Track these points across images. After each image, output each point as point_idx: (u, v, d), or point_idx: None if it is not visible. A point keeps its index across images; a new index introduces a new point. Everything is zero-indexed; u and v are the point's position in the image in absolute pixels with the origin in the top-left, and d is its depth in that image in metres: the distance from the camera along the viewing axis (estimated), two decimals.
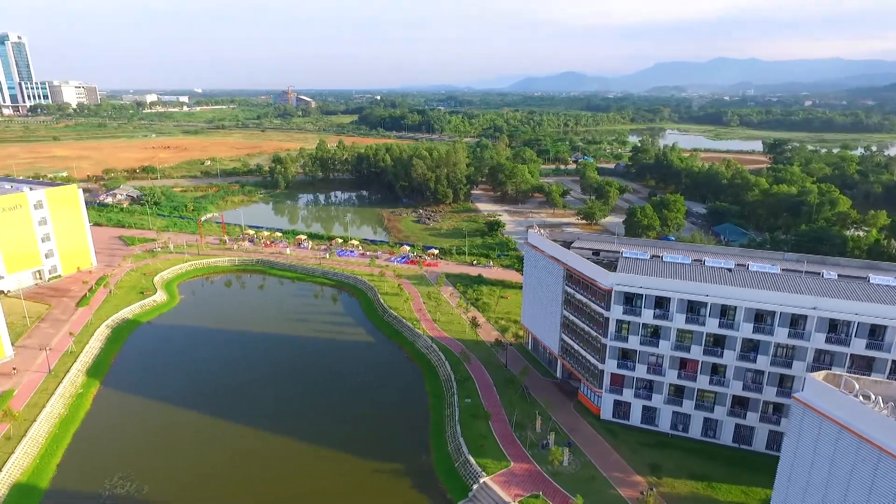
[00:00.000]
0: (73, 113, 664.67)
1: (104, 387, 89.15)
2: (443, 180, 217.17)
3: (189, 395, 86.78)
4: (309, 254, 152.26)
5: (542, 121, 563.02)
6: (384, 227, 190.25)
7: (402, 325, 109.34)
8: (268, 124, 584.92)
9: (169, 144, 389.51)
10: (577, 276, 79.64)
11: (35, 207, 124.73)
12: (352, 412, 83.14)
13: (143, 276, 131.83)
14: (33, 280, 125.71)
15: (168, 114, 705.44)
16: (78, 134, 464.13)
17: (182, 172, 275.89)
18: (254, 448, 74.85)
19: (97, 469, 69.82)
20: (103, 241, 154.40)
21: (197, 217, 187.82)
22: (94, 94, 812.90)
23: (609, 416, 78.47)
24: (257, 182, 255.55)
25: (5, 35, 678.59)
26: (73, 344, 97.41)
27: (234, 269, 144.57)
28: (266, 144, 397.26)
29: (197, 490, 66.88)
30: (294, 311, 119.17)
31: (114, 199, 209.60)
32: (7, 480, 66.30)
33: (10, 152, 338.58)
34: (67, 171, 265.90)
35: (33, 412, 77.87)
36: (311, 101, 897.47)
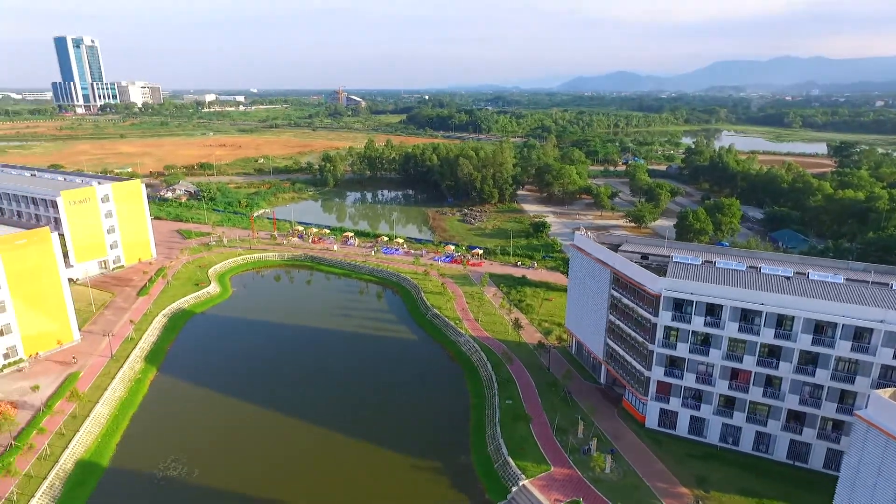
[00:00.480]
0: (139, 112, 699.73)
1: (160, 373, 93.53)
2: (489, 180, 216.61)
3: (238, 384, 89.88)
4: (355, 251, 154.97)
5: (591, 121, 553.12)
6: (429, 226, 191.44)
7: (444, 324, 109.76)
8: (319, 123, 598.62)
9: (225, 142, 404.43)
10: (624, 279, 77.86)
11: (102, 201, 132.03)
12: (393, 408, 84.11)
13: (198, 268, 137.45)
14: (99, 269, 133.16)
15: (225, 113, 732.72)
16: (142, 132, 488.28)
17: (237, 169, 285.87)
18: (297, 438, 76.83)
19: (152, 451, 73.32)
20: (162, 234, 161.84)
21: (249, 213, 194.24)
22: (158, 94, 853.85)
23: (654, 424, 76.35)
24: (307, 180, 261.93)
25: (80, 39, 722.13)
26: (133, 331, 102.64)
27: (284, 264, 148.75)
28: (316, 143, 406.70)
29: (243, 476, 69.17)
30: (339, 307, 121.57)
31: (173, 194, 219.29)
32: (73, 457, 70.54)
33: (82, 149, 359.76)
34: (132, 166, 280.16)
35: (96, 394, 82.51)
36: (360, 100, 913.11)
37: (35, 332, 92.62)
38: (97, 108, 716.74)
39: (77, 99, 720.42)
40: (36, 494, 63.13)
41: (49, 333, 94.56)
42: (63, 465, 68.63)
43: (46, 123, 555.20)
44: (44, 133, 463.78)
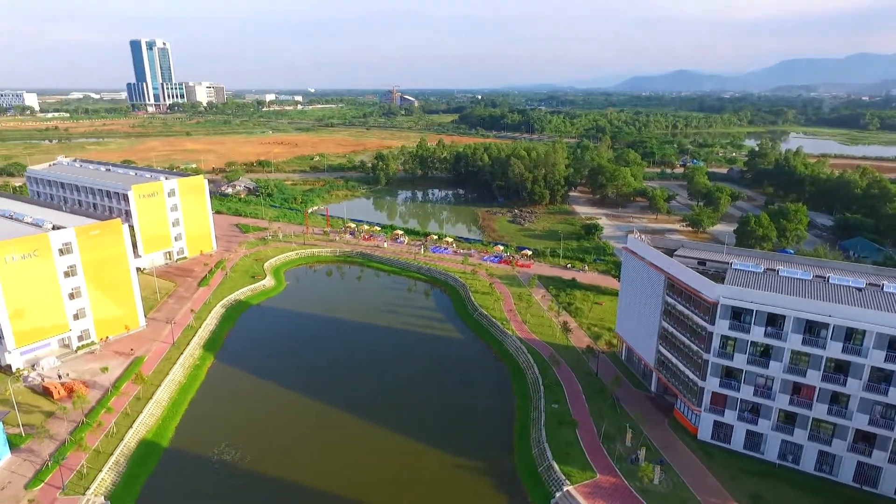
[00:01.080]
0: (204, 110, 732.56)
1: (217, 361, 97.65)
2: (540, 181, 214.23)
3: (289, 375, 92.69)
4: (404, 248, 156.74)
5: (648, 122, 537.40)
6: (478, 226, 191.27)
7: (491, 324, 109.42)
8: (372, 123, 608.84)
9: (283, 140, 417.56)
10: (679, 285, 75.29)
11: (169, 195, 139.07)
12: (438, 405, 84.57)
13: (255, 261, 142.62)
14: (164, 260, 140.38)
15: (283, 112, 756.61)
16: (206, 130, 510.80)
17: (293, 167, 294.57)
18: (343, 429, 78.46)
19: (208, 435, 76.69)
20: (222, 228, 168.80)
21: (304, 209, 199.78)
22: (222, 94, 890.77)
23: (707, 437, 73.48)
24: (360, 178, 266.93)
25: (153, 42, 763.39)
26: (194, 320, 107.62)
27: (336, 260, 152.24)
28: (370, 142, 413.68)
29: (291, 464, 71.29)
30: (388, 303, 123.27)
31: (233, 190, 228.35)
32: (136, 436, 74.73)
33: (151, 145, 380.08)
34: (196, 163, 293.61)
35: (159, 378, 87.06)
36: (414, 100, 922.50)
37: (106, 317, 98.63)
38: (166, 107, 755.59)
39: (148, 98, 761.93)
40: (103, 469, 67.24)
41: (118, 319, 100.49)
42: (127, 443, 72.78)
43: (121, 121, 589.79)
44: (118, 130, 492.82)
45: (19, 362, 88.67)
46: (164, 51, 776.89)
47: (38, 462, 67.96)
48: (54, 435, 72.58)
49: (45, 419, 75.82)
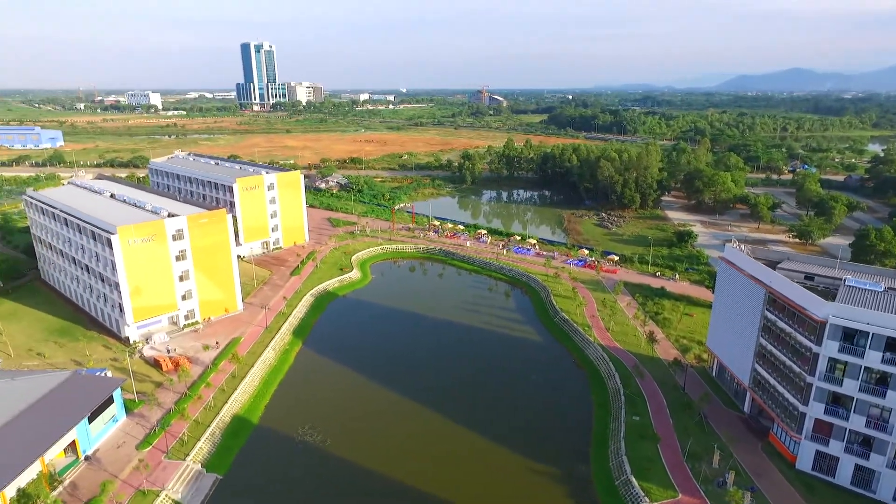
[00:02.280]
0: (303, 109, 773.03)
1: (305, 347, 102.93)
2: (631, 184, 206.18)
3: (370, 364, 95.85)
4: (487, 248, 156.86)
5: (753, 124, 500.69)
6: (563, 229, 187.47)
7: (572, 329, 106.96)
8: (461, 122, 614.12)
9: (374, 139, 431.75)
10: (781, 301, 69.66)
11: (268, 188, 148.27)
12: (514, 407, 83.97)
13: (343, 254, 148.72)
14: (261, 249, 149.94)
15: (376, 111, 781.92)
16: (304, 127, 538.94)
17: (383, 164, 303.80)
18: (418, 422, 79.95)
19: (293, 416, 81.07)
20: (315, 221, 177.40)
21: (391, 206, 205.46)
22: (320, 93, 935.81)
23: (807, 467, 67.46)
24: (446, 177, 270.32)
25: (261, 45, 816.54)
26: (285, 306, 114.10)
27: (419, 256, 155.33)
28: (457, 141, 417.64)
29: (368, 452, 73.63)
30: (468, 302, 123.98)
31: (326, 186, 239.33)
32: (230, 411, 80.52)
33: (255, 142, 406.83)
34: (293, 159, 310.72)
35: (252, 359, 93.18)
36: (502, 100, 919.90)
37: (209, 299, 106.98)
38: (269, 106, 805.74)
39: (254, 98, 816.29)
40: (201, 438, 73.08)
41: (219, 302, 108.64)
42: (223, 417, 78.57)
43: (229, 119, 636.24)
44: (227, 127, 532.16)
45: (136, 336, 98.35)
46: (269, 53, 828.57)
47: (148, 426, 75.05)
48: (161, 403, 79.83)
49: (155, 388, 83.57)
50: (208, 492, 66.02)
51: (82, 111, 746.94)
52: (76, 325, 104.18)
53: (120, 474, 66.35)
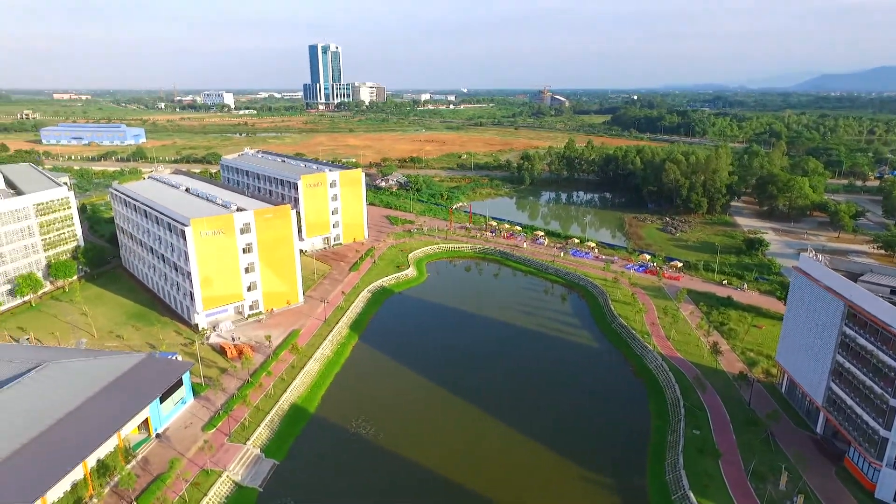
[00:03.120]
0: (366, 109, 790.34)
1: (361, 341, 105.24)
2: (697, 188, 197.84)
3: (423, 361, 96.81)
4: (544, 250, 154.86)
5: (835, 126, 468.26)
6: (624, 233, 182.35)
7: (630, 335, 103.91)
8: (521, 122, 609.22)
9: (434, 139, 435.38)
10: (862, 315, 64.92)
11: (331, 185, 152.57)
12: (568, 412, 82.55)
13: (400, 252, 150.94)
14: (322, 245, 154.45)
15: (436, 111, 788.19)
16: (367, 127, 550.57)
17: (442, 164, 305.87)
18: (469, 421, 79.96)
19: (347, 408, 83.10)
20: (374, 219, 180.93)
21: (449, 205, 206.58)
22: (383, 93, 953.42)
23: (889, 497, 62.55)
24: (504, 177, 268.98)
25: (327, 46, 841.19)
26: (344, 301, 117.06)
27: (475, 256, 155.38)
28: (517, 142, 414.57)
29: (419, 447, 74.42)
30: (523, 303, 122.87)
31: (386, 184, 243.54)
32: (289, 399, 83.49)
33: (319, 140, 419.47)
34: (355, 157, 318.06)
35: (311, 350, 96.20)
36: (564, 100, 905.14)
37: (272, 291, 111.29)
38: (334, 106, 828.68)
39: (320, 97, 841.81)
40: (261, 424, 76.20)
41: (282, 294, 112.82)
42: (281, 405, 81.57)
43: (296, 118, 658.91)
44: (293, 126, 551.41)
45: (204, 323, 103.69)
46: (335, 54, 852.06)
47: (213, 410, 79.00)
48: (225, 388, 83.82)
49: (220, 374, 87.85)
50: (266, 476, 68.72)
51: (163, 110, 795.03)
52: (152, 311, 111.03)
53: (187, 453, 70.19)
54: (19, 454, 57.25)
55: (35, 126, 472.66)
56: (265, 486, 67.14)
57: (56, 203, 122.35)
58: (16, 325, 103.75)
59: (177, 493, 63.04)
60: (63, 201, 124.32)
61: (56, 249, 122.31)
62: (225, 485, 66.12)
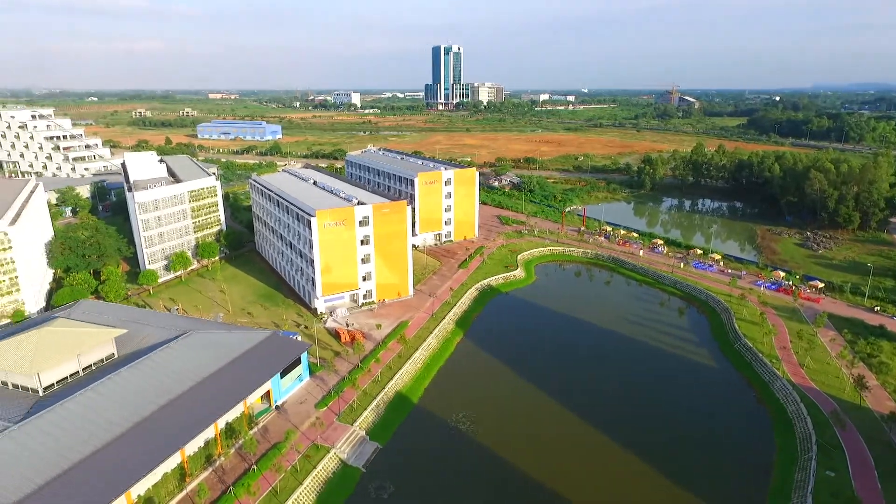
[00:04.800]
0: (483, 109, 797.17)
1: (466, 337, 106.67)
2: (849, 200, 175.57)
3: (526, 364, 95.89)
4: (662, 259, 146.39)
5: None
6: (755, 246, 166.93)
7: (756, 359, 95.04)
8: (644, 124, 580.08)
9: (550, 139, 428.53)
10: None
11: (445, 184, 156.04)
12: (678, 434, 77.54)
13: (509, 252, 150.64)
14: (434, 241, 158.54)
15: (555, 111, 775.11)
16: (483, 127, 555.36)
17: (557, 165, 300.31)
18: (569, 429, 77.91)
19: (448, 402, 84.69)
20: (485, 218, 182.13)
21: (562, 207, 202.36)
22: (500, 94, 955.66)
23: None
24: (623, 181, 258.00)
25: (450, 47, 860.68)
26: (451, 297, 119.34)
27: (586, 261, 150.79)
28: (638, 144, 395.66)
29: (518, 450, 73.86)
30: (635, 314, 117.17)
31: (499, 184, 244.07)
32: (394, 387, 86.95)
33: (436, 139, 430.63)
34: (470, 156, 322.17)
35: (417, 343, 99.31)
36: (694, 101, 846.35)
37: (384, 282, 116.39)
38: (452, 106, 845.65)
39: (440, 98, 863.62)
40: (367, 408, 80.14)
41: (393, 286, 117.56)
42: (387, 391, 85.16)
43: (416, 117, 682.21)
44: (413, 125, 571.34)
45: (322, 308, 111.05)
46: (457, 55, 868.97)
47: (325, 389, 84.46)
48: (338, 371, 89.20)
49: (334, 357, 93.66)
50: (369, 458, 72.19)
51: (298, 109, 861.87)
52: (278, 293, 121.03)
53: (300, 426, 75.77)
54: (164, 410, 65.33)
55: (193, 122, 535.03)
56: (367, 467, 70.54)
57: (206, 191, 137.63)
58: (168, 297, 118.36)
59: (290, 463, 68.27)
60: (211, 189, 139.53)
61: (203, 232, 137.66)
62: (332, 461, 70.46)
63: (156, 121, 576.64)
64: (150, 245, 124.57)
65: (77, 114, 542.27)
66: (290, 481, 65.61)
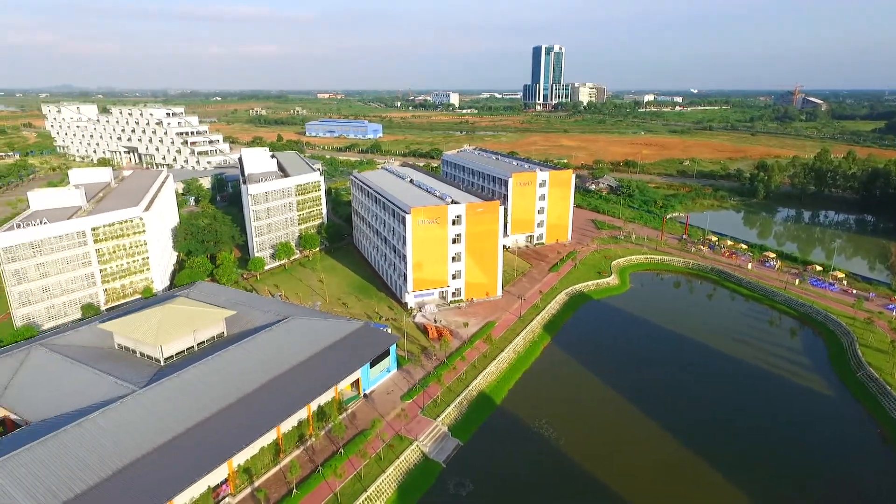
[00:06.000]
0: (583, 110, 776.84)
1: (553, 343, 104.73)
2: None
3: (615, 375, 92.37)
4: (773, 275, 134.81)
5: None
6: (888, 265, 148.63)
7: (882, 391, 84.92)
8: (760, 128, 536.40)
9: (652, 142, 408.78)
10: None
11: (539, 185, 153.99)
12: (786, 469, 71.13)
13: (603, 258, 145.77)
14: (525, 242, 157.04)
15: (660, 113, 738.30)
16: (582, 128, 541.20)
17: (659, 170, 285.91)
18: (661, 449, 74.02)
19: (533, 406, 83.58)
20: (579, 222, 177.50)
21: (662, 214, 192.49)
22: (602, 94, 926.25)
23: None
24: (732, 188, 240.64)
25: (551, 47, 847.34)
26: (540, 300, 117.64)
27: (687, 272, 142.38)
28: (752, 149, 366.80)
29: (601, 462, 71.40)
30: (739, 332, 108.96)
31: (596, 187, 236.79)
32: (478, 386, 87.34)
33: (532, 140, 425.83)
34: (567, 158, 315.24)
35: (502, 344, 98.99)
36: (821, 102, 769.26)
37: (473, 281, 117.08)
38: (551, 107, 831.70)
39: (538, 98, 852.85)
40: (450, 405, 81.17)
41: (482, 285, 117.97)
42: (471, 390, 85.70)
43: (512, 118, 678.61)
44: (509, 125, 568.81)
45: (412, 303, 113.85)
46: (558, 55, 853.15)
47: (411, 382, 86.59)
48: (424, 365, 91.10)
49: (421, 351, 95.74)
50: (450, 454, 73.07)
51: (398, 108, 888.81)
52: (371, 286, 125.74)
53: (386, 416, 78.29)
54: (265, 388, 70.22)
55: (302, 120, 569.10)
56: (448, 463, 71.43)
57: (310, 185, 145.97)
58: (273, 283, 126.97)
59: (374, 450, 70.79)
60: (315, 184, 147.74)
61: (306, 224, 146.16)
62: (414, 453, 72.13)
63: (270, 119, 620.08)
64: (260, 234, 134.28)
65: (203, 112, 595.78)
66: (373, 468, 68.05)
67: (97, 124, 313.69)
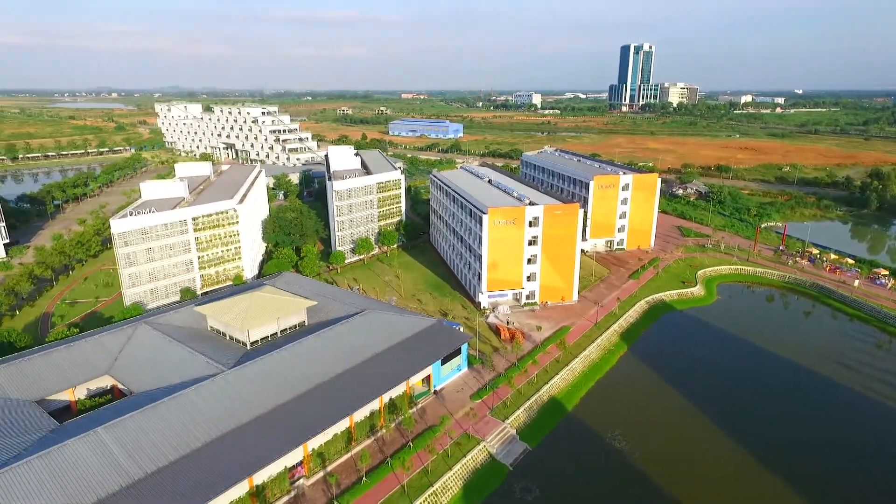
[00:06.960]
0: (672, 111, 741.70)
1: (629, 352, 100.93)
2: None
3: (697, 390, 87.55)
4: (884, 293, 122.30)
5: None
6: None
7: None
8: (875, 131, 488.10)
9: (748, 146, 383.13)
10: None
11: (622, 189, 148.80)
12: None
13: (688, 266, 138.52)
14: (604, 247, 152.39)
15: (758, 115, 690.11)
16: (671, 130, 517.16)
17: (754, 175, 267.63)
18: (744, 474, 69.28)
19: (606, 416, 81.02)
20: (663, 228, 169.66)
21: (756, 223, 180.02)
22: (694, 95, 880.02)
23: None
24: (839, 197, 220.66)
25: (640, 46, 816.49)
26: (617, 308, 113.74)
27: (781, 286, 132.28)
28: (865, 155, 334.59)
29: (677, 480, 67.91)
30: (841, 353, 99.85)
31: (683, 192, 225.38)
32: (549, 391, 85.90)
33: (617, 142, 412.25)
34: (653, 161, 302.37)
35: (576, 350, 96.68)
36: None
37: (549, 284, 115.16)
38: (637, 108, 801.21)
39: (625, 99, 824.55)
40: (520, 408, 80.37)
41: (557, 289, 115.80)
42: (542, 394, 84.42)
43: (596, 119, 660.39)
44: (593, 127, 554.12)
45: (486, 303, 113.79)
46: (648, 54, 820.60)
47: (481, 382, 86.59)
48: (495, 366, 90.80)
49: (492, 352, 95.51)
50: (517, 457, 72.37)
51: (479, 108, 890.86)
52: (446, 284, 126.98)
53: (455, 414, 78.81)
54: (341, 377, 72.89)
55: (386, 120, 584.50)
56: (515, 467, 70.78)
57: (391, 183, 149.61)
58: (352, 277, 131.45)
59: (442, 447, 71.48)
60: (396, 182, 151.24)
61: (386, 221, 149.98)
62: (481, 453, 72.11)
63: (356, 118, 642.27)
64: (342, 229, 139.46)
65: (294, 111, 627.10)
66: (440, 464, 68.74)
67: (200, 122, 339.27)
